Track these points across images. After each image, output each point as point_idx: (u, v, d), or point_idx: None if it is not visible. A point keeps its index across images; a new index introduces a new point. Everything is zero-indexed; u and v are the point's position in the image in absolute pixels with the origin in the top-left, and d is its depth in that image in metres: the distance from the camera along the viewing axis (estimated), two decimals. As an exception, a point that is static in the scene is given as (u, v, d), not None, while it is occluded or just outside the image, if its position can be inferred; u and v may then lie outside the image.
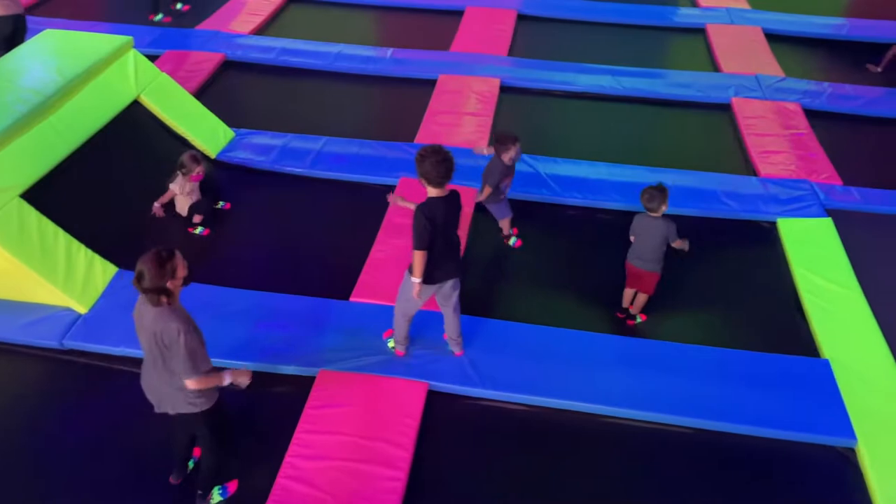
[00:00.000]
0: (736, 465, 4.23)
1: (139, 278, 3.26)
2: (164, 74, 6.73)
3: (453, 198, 4.16)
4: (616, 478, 4.15)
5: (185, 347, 3.29)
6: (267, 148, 6.70)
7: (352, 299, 5.14)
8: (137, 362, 4.58)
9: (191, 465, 4.06)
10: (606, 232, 5.86)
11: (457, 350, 4.72)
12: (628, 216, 5.84)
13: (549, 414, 4.47)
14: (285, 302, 5.04)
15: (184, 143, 6.49)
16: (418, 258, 4.09)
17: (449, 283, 4.37)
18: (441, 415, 4.44)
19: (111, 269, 5.17)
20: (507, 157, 5.34)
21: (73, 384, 4.58)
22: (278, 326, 4.81)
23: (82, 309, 4.89)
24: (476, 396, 4.54)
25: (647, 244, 4.88)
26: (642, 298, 5.11)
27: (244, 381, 3.58)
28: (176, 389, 3.46)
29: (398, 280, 5.22)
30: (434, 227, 4.04)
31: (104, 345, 4.70)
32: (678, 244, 4.87)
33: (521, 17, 9.81)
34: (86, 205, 5.46)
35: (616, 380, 4.58)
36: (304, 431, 4.17)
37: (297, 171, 6.50)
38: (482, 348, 4.76)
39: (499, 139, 5.37)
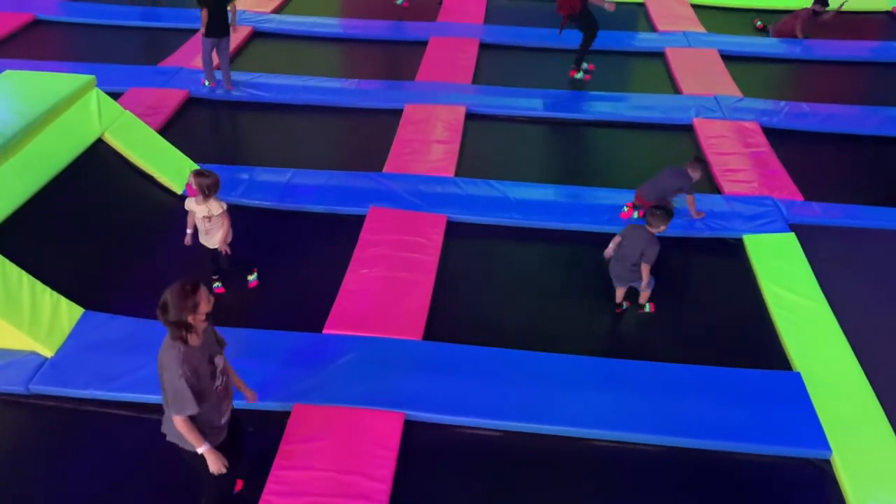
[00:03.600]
0: (712, 481, 4.24)
1: (163, 309, 3.26)
2: (128, 112, 6.68)
3: None
4: (596, 499, 4.13)
5: (166, 384, 3.31)
6: (234, 182, 6.64)
7: (325, 331, 5.10)
8: (106, 406, 4.56)
9: None
10: (577, 254, 5.90)
11: (227, 85, 8.24)
12: (598, 237, 5.94)
13: (526, 438, 4.45)
14: (257, 337, 4.98)
15: (149, 181, 6.44)
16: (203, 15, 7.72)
17: (223, 40, 7.93)
18: (419, 444, 4.39)
19: (77, 311, 5.07)
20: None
21: (41, 430, 4.46)
22: (251, 362, 4.73)
23: (48, 352, 4.78)
24: (453, 424, 4.51)
25: (626, 253, 5.15)
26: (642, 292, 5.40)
27: (213, 465, 3.46)
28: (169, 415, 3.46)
29: (372, 311, 5.22)
30: None
31: (71, 388, 4.59)
32: (645, 270, 5.13)
33: (484, 46, 9.95)
34: (50, 246, 5.37)
35: (592, 401, 4.58)
36: (281, 468, 4.10)
37: (266, 203, 6.47)
38: (458, 374, 4.73)
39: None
